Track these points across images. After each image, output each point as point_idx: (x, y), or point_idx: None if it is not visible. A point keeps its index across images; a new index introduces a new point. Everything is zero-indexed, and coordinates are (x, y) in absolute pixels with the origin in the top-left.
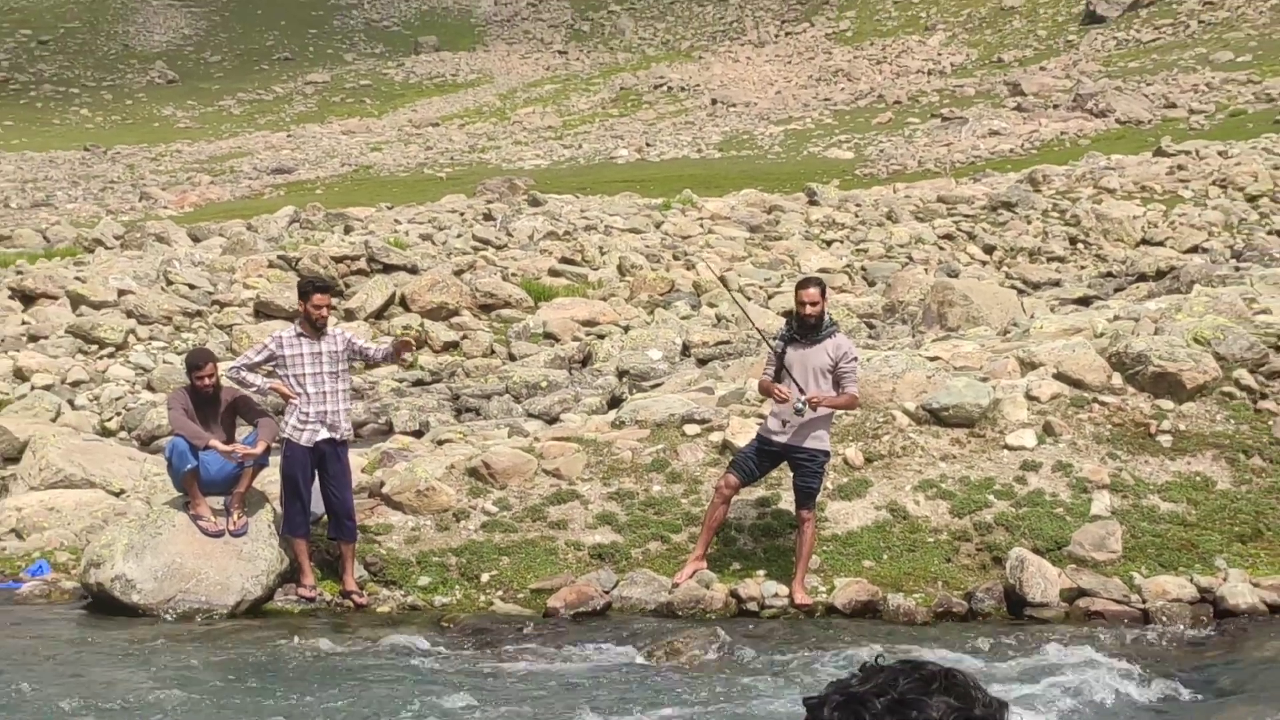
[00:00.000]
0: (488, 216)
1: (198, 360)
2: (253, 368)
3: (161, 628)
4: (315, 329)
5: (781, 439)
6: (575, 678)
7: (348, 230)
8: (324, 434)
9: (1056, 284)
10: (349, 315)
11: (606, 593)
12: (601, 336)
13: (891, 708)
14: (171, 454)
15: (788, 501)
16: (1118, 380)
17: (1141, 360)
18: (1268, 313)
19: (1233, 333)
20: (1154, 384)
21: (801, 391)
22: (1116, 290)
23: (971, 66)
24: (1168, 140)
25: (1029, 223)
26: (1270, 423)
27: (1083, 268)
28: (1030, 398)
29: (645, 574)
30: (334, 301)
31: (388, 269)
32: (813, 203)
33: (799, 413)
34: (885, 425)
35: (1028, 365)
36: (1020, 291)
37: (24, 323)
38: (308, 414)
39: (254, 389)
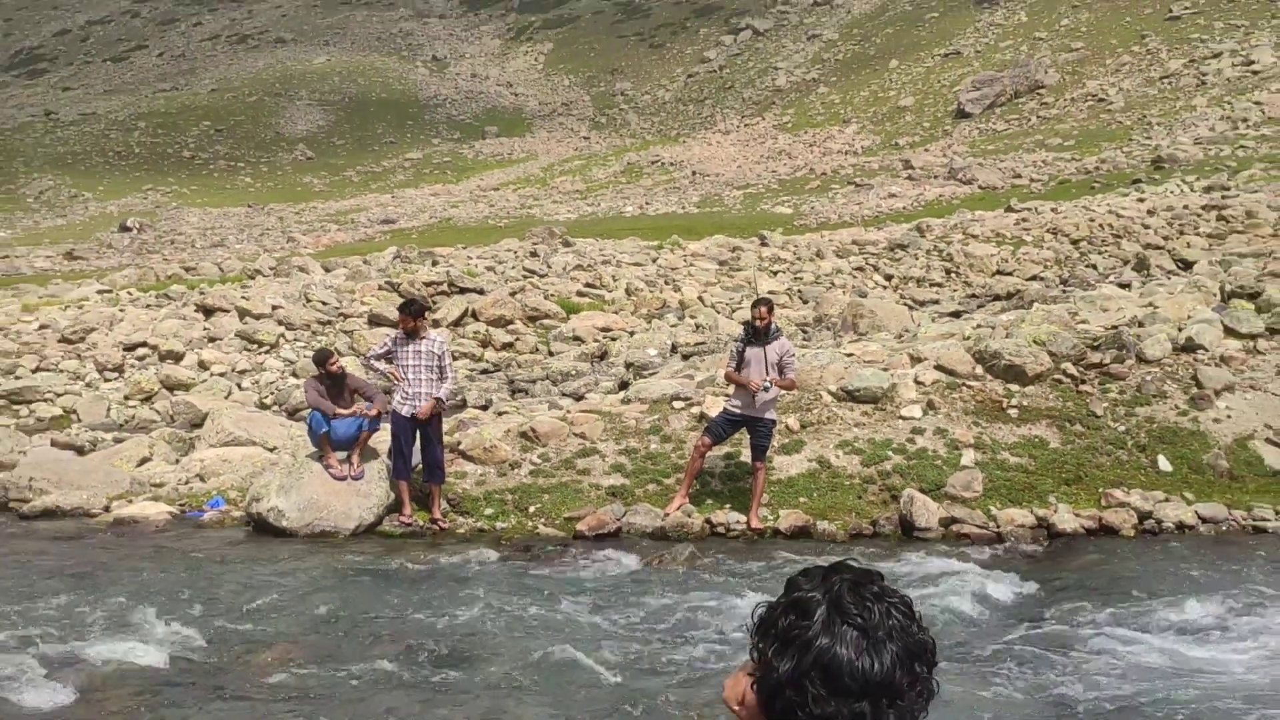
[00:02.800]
0: (533, 254)
1: (325, 356)
2: (378, 358)
3: (302, 544)
4: (410, 332)
5: (748, 411)
6: (594, 579)
7: (434, 263)
8: (420, 408)
9: (936, 302)
10: (435, 323)
11: (618, 520)
12: (614, 339)
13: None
14: (311, 421)
15: (746, 456)
16: (979, 370)
17: (996, 356)
18: (1086, 323)
19: (1061, 337)
20: (1005, 373)
21: (764, 381)
22: (979, 307)
23: (876, 148)
24: (1015, 200)
25: (917, 259)
26: (1087, 400)
27: (955, 291)
28: (917, 382)
29: (645, 507)
30: (422, 319)
31: (463, 291)
32: (764, 245)
33: (766, 390)
34: (815, 402)
35: (916, 359)
36: (910, 307)
37: (205, 329)
38: (408, 393)
39: (377, 372)
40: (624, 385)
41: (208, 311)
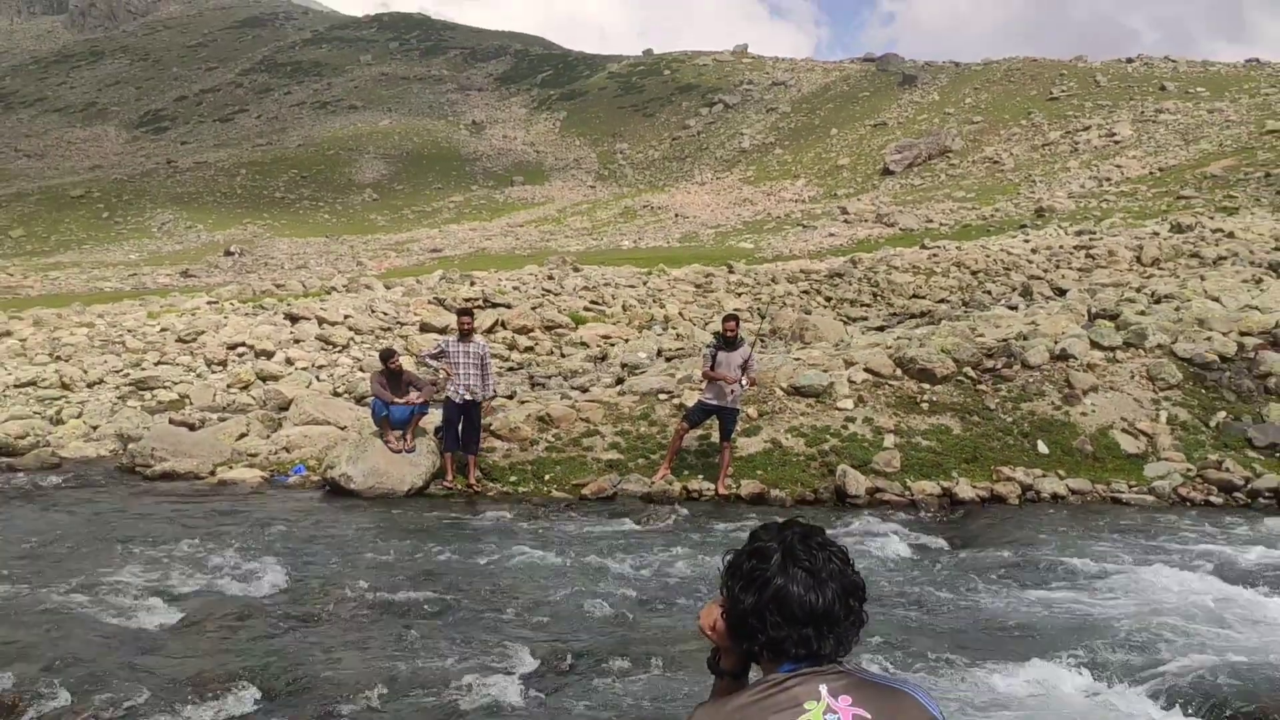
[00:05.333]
0: (550, 277)
1: (389, 353)
2: (431, 356)
3: (366, 503)
4: (463, 335)
5: (720, 402)
6: (595, 533)
7: (472, 284)
8: (467, 396)
9: (865, 319)
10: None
11: (615, 487)
12: (613, 345)
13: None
14: (374, 406)
15: (716, 438)
16: (899, 372)
17: (913, 361)
18: (982, 336)
19: (963, 346)
20: (919, 375)
21: (738, 379)
22: (899, 323)
23: (819, 198)
24: (928, 240)
25: (850, 284)
26: (983, 397)
27: (880, 310)
28: (850, 381)
29: (636, 476)
30: (474, 323)
31: (494, 305)
32: (731, 272)
33: (743, 388)
34: (770, 395)
35: (849, 363)
36: (845, 323)
37: (291, 333)
38: (458, 384)
39: (430, 368)
40: (620, 381)
41: (293, 319)
